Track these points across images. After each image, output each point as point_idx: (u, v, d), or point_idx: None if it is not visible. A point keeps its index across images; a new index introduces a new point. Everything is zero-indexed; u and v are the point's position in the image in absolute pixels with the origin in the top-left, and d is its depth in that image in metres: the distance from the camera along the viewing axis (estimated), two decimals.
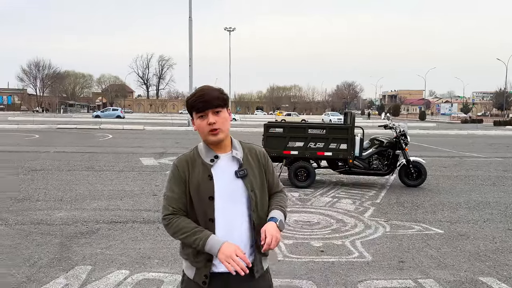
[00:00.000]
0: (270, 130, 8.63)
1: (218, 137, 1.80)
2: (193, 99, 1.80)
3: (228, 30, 70.00)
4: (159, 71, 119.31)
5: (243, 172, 1.83)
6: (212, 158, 1.83)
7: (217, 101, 1.79)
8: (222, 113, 1.81)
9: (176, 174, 1.84)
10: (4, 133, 23.71)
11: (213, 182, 1.80)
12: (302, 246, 4.96)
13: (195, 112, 1.80)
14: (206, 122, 1.78)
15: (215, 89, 1.83)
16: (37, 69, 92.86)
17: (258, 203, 1.86)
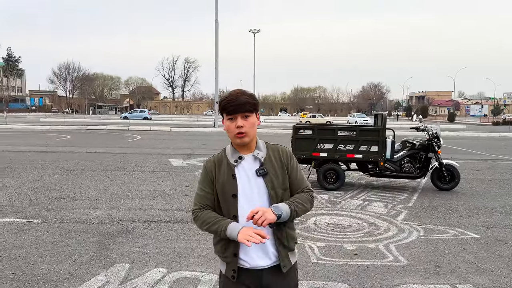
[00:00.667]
0: (299, 132, 8.63)
1: (243, 140, 1.92)
2: (225, 101, 1.91)
3: (253, 32, 70.36)
4: (185, 73, 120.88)
5: (263, 171, 1.93)
6: (236, 159, 1.96)
7: (247, 106, 1.90)
8: (251, 118, 1.92)
9: (204, 174, 2.02)
10: (37, 133, 24.56)
11: (236, 181, 1.94)
12: (335, 249, 4.94)
13: (226, 114, 1.92)
14: (235, 125, 1.89)
15: (246, 94, 1.93)
16: (67, 72, 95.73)
17: (282, 201, 1.94)
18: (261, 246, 1.90)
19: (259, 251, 1.94)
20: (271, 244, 1.95)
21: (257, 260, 1.94)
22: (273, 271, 1.96)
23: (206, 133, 27.73)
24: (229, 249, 1.95)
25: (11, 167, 10.91)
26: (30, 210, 6.49)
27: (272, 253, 1.96)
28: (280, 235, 1.95)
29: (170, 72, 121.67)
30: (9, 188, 8.16)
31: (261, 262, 1.95)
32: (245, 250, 1.93)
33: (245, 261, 1.94)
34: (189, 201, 7.29)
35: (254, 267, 1.94)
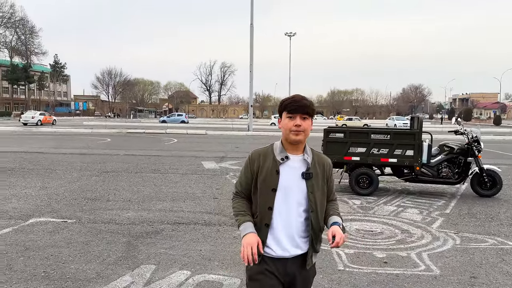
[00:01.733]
0: (330, 135, 8.47)
1: (299, 137, 2.04)
2: (289, 101, 2.07)
3: (289, 35, 70.30)
4: (221, 77, 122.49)
5: (309, 174, 2.07)
6: (283, 157, 2.08)
7: (307, 109, 2.05)
8: (308, 121, 2.07)
9: (247, 164, 2.17)
10: (80, 136, 25.58)
11: (279, 177, 2.06)
12: (364, 257, 4.78)
13: (286, 112, 2.06)
14: (293, 123, 2.03)
15: (307, 100, 2.09)
16: (109, 77, 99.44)
17: (318, 205, 2.10)
18: (289, 238, 2.08)
19: (287, 243, 2.08)
20: (299, 237, 2.09)
21: (284, 251, 2.08)
22: (297, 261, 2.11)
23: (240, 137, 27.88)
24: (259, 236, 2.07)
25: (52, 168, 11.39)
26: (65, 210, 6.73)
27: (299, 246, 2.10)
28: (314, 237, 2.11)
29: (207, 77, 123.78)
30: (48, 189, 8.51)
31: (286, 254, 2.08)
32: (273, 239, 2.08)
33: (272, 249, 2.09)
34: (218, 204, 7.32)
35: (280, 256, 2.08)
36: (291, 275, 2.11)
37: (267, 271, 2.08)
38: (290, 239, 2.08)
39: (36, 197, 7.69)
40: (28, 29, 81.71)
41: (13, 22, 79.60)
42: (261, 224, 2.10)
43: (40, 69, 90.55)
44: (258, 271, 2.09)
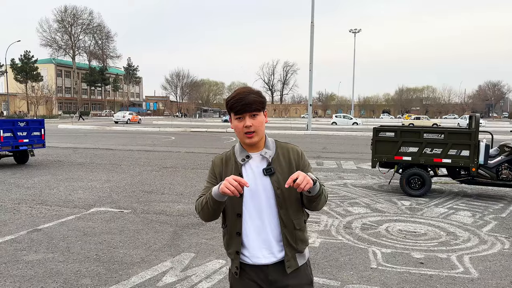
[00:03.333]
0: (380, 134, 8.31)
1: (252, 140, 1.87)
2: (232, 101, 1.86)
3: (353, 32, 68.77)
4: (284, 76, 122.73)
5: (270, 170, 1.88)
6: (244, 158, 1.92)
7: (254, 105, 1.84)
8: (259, 117, 1.87)
9: (211, 170, 2.01)
10: (147, 135, 27.17)
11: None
12: (401, 256, 4.72)
13: (233, 114, 1.87)
14: (243, 125, 1.84)
15: (253, 92, 1.88)
16: (177, 79, 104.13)
17: (287, 200, 1.88)
18: (265, 243, 1.89)
19: (262, 248, 1.90)
20: (276, 241, 1.91)
21: (261, 258, 1.90)
22: (280, 268, 1.91)
23: (298, 136, 27.90)
24: (232, 247, 1.95)
25: (118, 163, 12.33)
26: (123, 202, 7.32)
27: (277, 250, 1.91)
28: (288, 236, 1.90)
29: (270, 76, 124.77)
30: (111, 182, 9.26)
31: (264, 260, 1.90)
32: (247, 247, 1.91)
33: (248, 257, 1.91)
34: None
35: (256, 263, 1.90)
36: (277, 283, 1.92)
37: (248, 279, 1.93)
38: (266, 245, 1.90)
39: (100, 189, 8.43)
40: (104, 34, 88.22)
41: (91, 28, 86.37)
42: (232, 234, 1.94)
43: (115, 72, 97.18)
44: (237, 280, 1.96)
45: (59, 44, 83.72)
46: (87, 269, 4.21)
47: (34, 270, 4.13)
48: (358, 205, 7.27)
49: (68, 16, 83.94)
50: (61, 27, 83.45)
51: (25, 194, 7.85)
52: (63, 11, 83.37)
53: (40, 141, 11.85)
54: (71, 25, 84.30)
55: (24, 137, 11.32)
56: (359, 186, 9.07)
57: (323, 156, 15.30)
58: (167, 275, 4.09)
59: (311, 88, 33.63)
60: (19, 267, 4.20)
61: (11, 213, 6.38)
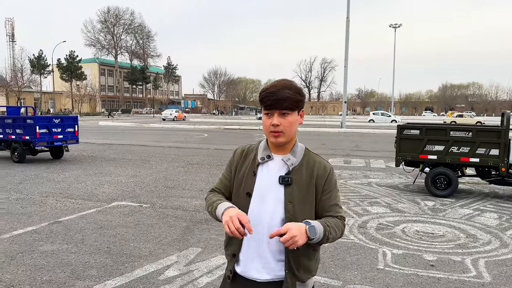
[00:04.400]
0: (405, 131, 8.04)
1: (278, 140, 1.67)
2: (264, 94, 1.66)
3: (394, 26, 66.86)
4: (321, 73, 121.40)
5: (287, 180, 1.68)
6: (264, 157, 1.73)
7: (286, 102, 1.62)
8: (290, 116, 1.65)
9: (230, 160, 1.87)
10: (182, 132, 27.71)
11: (255, 180, 1.72)
12: (411, 258, 4.56)
13: (263, 108, 1.68)
14: (270, 122, 1.65)
15: (291, 87, 1.65)
16: (215, 77, 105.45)
17: (297, 218, 1.65)
18: (261, 256, 1.70)
19: (256, 261, 1.71)
20: (273, 258, 1.70)
21: (252, 270, 1.72)
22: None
23: (331, 133, 27.51)
24: (230, 248, 1.79)
25: (147, 159, 12.67)
26: (144, 196, 7.52)
27: (272, 269, 1.70)
28: (292, 261, 1.68)
29: (307, 73, 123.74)
30: (137, 177, 9.54)
31: (255, 274, 1.71)
32: (244, 254, 1.74)
33: (239, 265, 1.76)
34: None
35: (245, 275, 1.73)
36: None
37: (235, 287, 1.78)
38: (261, 259, 1.70)
39: (125, 183, 8.70)
40: (145, 34, 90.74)
41: (133, 28, 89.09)
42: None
43: (155, 71, 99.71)
44: (228, 285, 1.81)
45: (102, 44, 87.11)
46: (95, 260, 4.37)
47: (46, 260, 4.33)
48: (378, 204, 7.08)
49: (111, 17, 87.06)
50: (104, 28, 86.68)
51: (54, 187, 8.24)
52: (106, 12, 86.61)
53: (74, 137, 12.37)
54: (114, 25, 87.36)
55: (59, 133, 11.86)
56: (384, 186, 8.83)
57: (353, 154, 15.01)
58: (170, 269, 4.16)
59: (345, 85, 33.06)
60: (33, 257, 4.42)
61: (38, 205, 6.71)
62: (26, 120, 11.69)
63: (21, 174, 9.84)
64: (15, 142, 11.78)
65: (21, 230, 5.37)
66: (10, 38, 70.25)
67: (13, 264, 4.20)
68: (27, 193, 7.64)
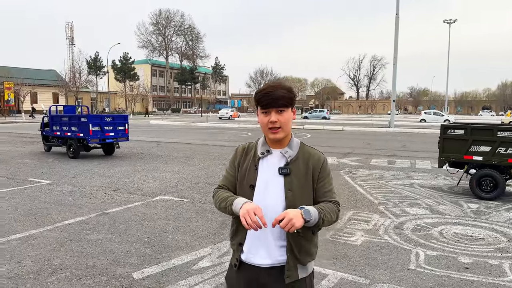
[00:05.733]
0: (448, 131, 7.79)
1: (277, 135, 1.85)
2: (260, 94, 1.84)
3: (448, 22, 63.93)
4: (371, 71, 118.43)
5: (286, 170, 1.85)
6: (264, 152, 1.91)
7: (282, 100, 1.81)
8: (286, 113, 1.84)
9: (232, 158, 2.03)
10: (227, 131, 28.25)
11: (257, 173, 1.89)
12: (445, 260, 4.47)
13: (260, 107, 1.85)
14: (268, 120, 1.83)
15: (283, 87, 1.85)
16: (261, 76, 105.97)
17: (297, 204, 1.80)
18: (265, 244, 1.85)
19: (261, 248, 1.86)
20: (276, 244, 1.86)
21: (256, 257, 1.88)
22: (272, 273, 1.86)
23: (378, 133, 26.86)
24: (236, 238, 1.94)
25: (192, 157, 13.11)
26: (186, 191, 7.85)
27: (275, 254, 1.86)
28: (293, 244, 1.84)
29: (356, 71, 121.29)
30: (181, 173, 9.93)
31: (259, 261, 1.87)
32: (249, 242, 1.89)
33: (244, 253, 1.91)
34: None
35: (249, 261, 1.88)
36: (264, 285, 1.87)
37: (242, 276, 1.92)
38: (264, 246, 1.86)
39: (169, 179, 9.10)
40: (194, 35, 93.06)
41: (183, 30, 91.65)
42: (239, 224, 1.85)
43: (204, 71, 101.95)
44: (234, 273, 1.95)
45: (154, 45, 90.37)
46: (136, 249, 4.68)
47: (91, 248, 4.70)
48: (418, 206, 6.94)
49: (162, 19, 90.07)
50: (156, 30, 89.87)
51: (104, 182, 8.79)
52: (158, 14, 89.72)
53: (124, 135, 13.05)
54: (165, 27, 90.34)
55: (110, 131, 12.57)
56: (427, 187, 8.60)
57: (399, 154, 14.65)
58: (203, 260, 4.38)
59: (394, 83, 32.16)
60: (80, 244, 4.81)
61: (88, 198, 7.22)
62: (81, 119, 12.52)
63: (75, 168, 10.57)
64: (70, 139, 12.64)
65: (72, 220, 5.83)
66: (69, 41, 74.56)
67: (63, 250, 4.59)
68: (79, 186, 8.22)
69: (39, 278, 3.85)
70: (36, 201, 6.93)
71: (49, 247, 4.67)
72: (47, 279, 3.82)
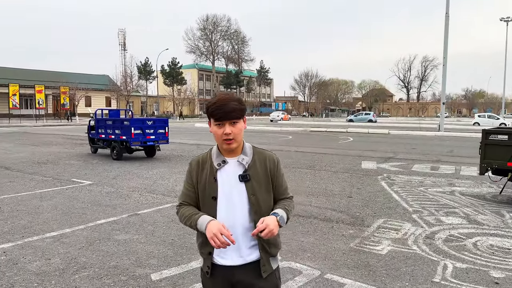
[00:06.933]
0: (491, 137, 7.35)
1: (231, 146, 1.94)
2: (213, 107, 1.91)
3: (506, 20, 60.42)
4: (422, 72, 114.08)
5: (246, 177, 1.95)
6: (220, 163, 1.97)
7: (234, 113, 1.90)
8: (238, 124, 1.93)
9: (188, 173, 2.07)
10: (268, 134, 28.30)
11: (217, 184, 1.95)
12: (475, 273, 4.21)
13: (213, 120, 1.93)
14: (222, 132, 1.90)
15: (234, 99, 1.93)
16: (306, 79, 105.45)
17: (261, 206, 1.95)
18: (235, 249, 1.93)
19: (232, 252, 1.95)
20: (245, 246, 1.96)
21: (228, 260, 1.97)
22: (246, 270, 1.96)
23: (425, 137, 25.78)
24: (205, 248, 1.99)
25: None
26: None
27: (246, 254, 1.97)
28: (264, 242, 1.96)
29: (406, 73, 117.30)
30: None
31: (231, 262, 1.96)
32: (220, 251, 1.95)
33: (217, 257, 1.98)
34: (348, 202, 7.36)
35: (228, 264, 1.97)
36: (242, 284, 1.98)
37: (217, 278, 2.00)
38: (236, 249, 1.94)
39: None
40: (240, 39, 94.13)
41: (229, 34, 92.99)
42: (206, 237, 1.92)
43: (248, 74, 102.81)
44: (208, 280, 2.03)
45: (201, 50, 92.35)
46: (159, 251, 4.80)
47: (117, 248, 4.88)
48: (455, 215, 6.59)
49: (209, 24, 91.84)
50: (203, 35, 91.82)
51: (141, 183, 9.10)
52: (205, 19, 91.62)
53: (164, 137, 13.46)
54: (212, 32, 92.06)
55: (151, 134, 13.01)
56: (468, 195, 8.15)
57: (444, 160, 14.00)
58: None
59: (444, 85, 30.85)
60: (107, 244, 5.01)
61: (123, 199, 7.51)
62: (123, 122, 13.06)
63: (116, 170, 11.03)
64: (114, 142, 13.22)
65: (104, 220, 6.09)
66: (122, 47, 78.06)
67: (90, 249, 4.81)
68: (117, 187, 8.58)
69: (63, 275, 4.06)
70: (74, 201, 7.31)
71: (78, 246, 4.91)
72: (70, 277, 4.02)
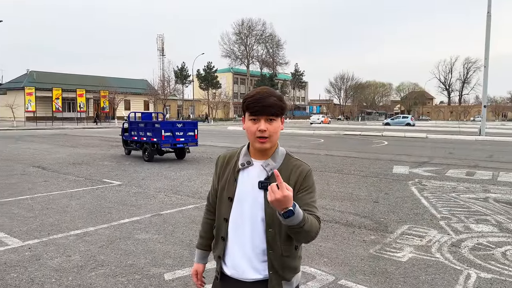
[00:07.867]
0: None
1: (264, 145, 1.75)
2: (251, 100, 1.74)
3: None
4: (464, 75, 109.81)
5: (266, 185, 1.69)
6: (244, 163, 1.82)
7: (273, 109, 1.73)
8: (275, 122, 1.75)
9: (215, 166, 1.97)
10: (300, 137, 28.12)
11: (236, 185, 1.82)
12: (500, 284, 3.99)
13: (249, 113, 1.75)
14: (257, 128, 1.73)
15: (275, 94, 1.75)
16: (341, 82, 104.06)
17: (276, 220, 1.69)
18: (246, 257, 1.79)
19: (243, 261, 1.80)
20: (258, 260, 1.79)
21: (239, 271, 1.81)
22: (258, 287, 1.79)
23: (465, 141, 24.74)
24: (216, 250, 1.92)
25: None
26: None
27: (258, 268, 1.79)
28: (274, 263, 1.76)
29: (447, 75, 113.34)
30: None
31: (243, 275, 1.81)
32: (230, 256, 1.84)
33: (227, 267, 1.85)
34: (374, 208, 7.17)
35: (234, 276, 1.82)
36: None
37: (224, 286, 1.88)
38: (246, 260, 1.79)
39: None
40: (275, 43, 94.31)
41: (264, 38, 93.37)
42: (218, 237, 1.88)
43: (283, 77, 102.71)
44: (218, 285, 1.92)
45: (236, 54, 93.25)
46: (175, 251, 4.86)
47: (136, 247, 4.98)
48: (485, 222, 6.28)
49: (244, 29, 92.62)
50: (238, 39, 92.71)
51: (168, 184, 9.27)
52: (240, 24, 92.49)
53: (194, 140, 13.66)
54: (247, 36, 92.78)
55: (181, 136, 13.24)
56: (503, 202, 7.74)
57: (482, 165, 13.37)
58: None
59: (485, 87, 29.52)
60: (127, 243, 5.12)
61: (149, 199, 7.67)
62: (155, 125, 13.37)
63: (146, 171, 11.30)
64: (145, 144, 13.55)
65: (127, 219, 6.24)
66: (160, 52, 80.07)
67: (110, 248, 4.93)
68: (144, 188, 8.78)
69: (81, 272, 4.18)
70: (102, 200, 7.54)
71: (98, 244, 5.05)
72: (87, 274, 4.13)
